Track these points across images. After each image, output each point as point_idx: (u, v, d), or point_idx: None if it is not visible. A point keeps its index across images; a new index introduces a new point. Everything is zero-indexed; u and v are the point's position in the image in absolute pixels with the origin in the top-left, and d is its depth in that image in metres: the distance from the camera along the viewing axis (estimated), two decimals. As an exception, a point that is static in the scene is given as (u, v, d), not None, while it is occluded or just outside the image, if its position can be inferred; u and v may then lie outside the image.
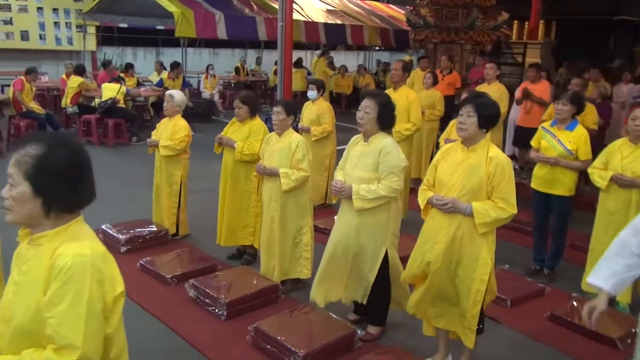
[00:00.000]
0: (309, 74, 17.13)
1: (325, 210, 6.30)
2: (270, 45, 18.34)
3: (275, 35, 13.09)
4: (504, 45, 21.40)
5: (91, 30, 14.62)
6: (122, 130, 9.06)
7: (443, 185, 3.03)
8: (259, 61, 17.53)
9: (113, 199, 6.07)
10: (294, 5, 14.55)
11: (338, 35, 14.84)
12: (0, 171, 1.83)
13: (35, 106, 8.75)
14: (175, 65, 10.69)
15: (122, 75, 11.06)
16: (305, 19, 13.90)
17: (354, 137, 3.57)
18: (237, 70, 15.06)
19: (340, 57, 22.82)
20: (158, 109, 10.41)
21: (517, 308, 4.15)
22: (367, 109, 3.38)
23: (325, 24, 14.36)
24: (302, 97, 15.31)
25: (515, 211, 2.90)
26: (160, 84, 10.51)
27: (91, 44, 14.73)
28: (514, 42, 19.35)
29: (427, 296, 3.13)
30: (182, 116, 5.21)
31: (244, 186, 4.56)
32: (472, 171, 2.93)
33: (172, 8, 11.40)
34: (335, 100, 13.81)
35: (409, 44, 16.47)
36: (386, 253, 3.44)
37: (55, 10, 14.08)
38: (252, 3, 13.51)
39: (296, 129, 4.71)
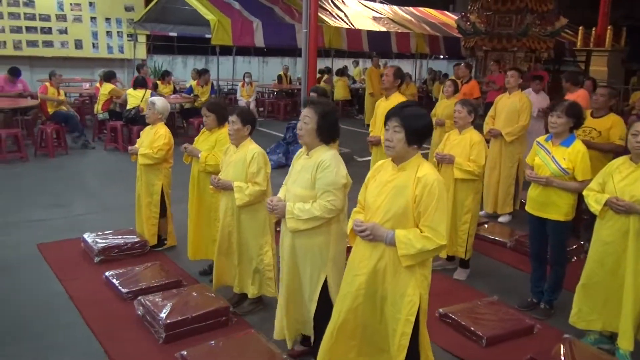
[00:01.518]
0: (354, 82, 16.84)
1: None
2: (321, 53, 18.29)
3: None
4: (567, 53, 20.27)
5: (142, 39, 15.04)
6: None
7: (369, 208, 2.65)
8: (327, 71, 17.36)
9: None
10: (338, 12, 14.46)
11: (382, 43, 14.43)
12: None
13: (63, 107, 9.01)
14: (203, 72, 10.69)
15: (158, 82, 11.27)
16: (348, 27, 13.63)
17: (300, 150, 3.25)
18: (279, 78, 15.00)
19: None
20: (187, 117, 10.45)
21: (494, 348, 3.65)
22: (305, 119, 3.05)
23: (369, 32, 14.01)
24: (344, 106, 15.09)
25: (444, 242, 2.48)
26: (190, 91, 10.54)
27: (141, 52, 15.14)
28: (577, 49, 18.23)
29: (342, 336, 2.73)
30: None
31: (210, 198, 4.33)
32: (398, 193, 2.54)
33: (209, 16, 11.46)
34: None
35: (460, 52, 15.81)
36: (326, 281, 3.08)
37: (107, 19, 14.61)
38: (294, 11, 13.38)
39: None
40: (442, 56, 20.46)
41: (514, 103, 6.16)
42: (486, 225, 6.00)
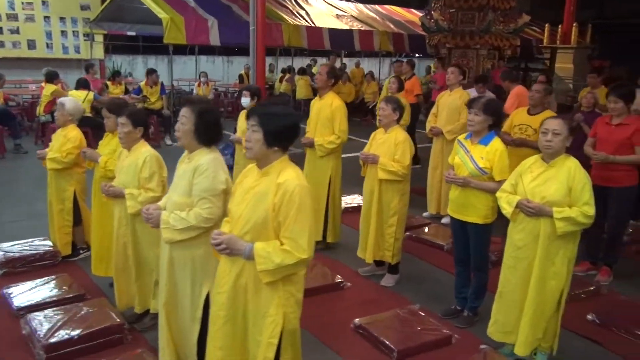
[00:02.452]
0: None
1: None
2: (288, 52, 18.00)
3: (270, 41, 12.76)
4: (535, 50, 20.25)
5: (99, 38, 14.61)
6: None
7: (231, 217, 2.39)
8: (271, 68, 17.10)
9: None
10: (299, 11, 14.18)
11: (345, 41, 14.20)
12: None
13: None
14: (150, 72, 10.34)
15: (108, 82, 10.89)
16: (308, 25, 13.37)
17: (183, 154, 2.97)
18: (240, 78, 14.67)
19: (365, 64, 22.19)
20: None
21: (405, 362, 3.41)
22: (182, 119, 2.78)
23: (330, 30, 13.77)
24: (306, 106, 14.81)
25: (306, 255, 2.22)
26: (138, 91, 10.19)
27: (99, 52, 14.70)
28: (544, 46, 18.22)
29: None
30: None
31: (112, 207, 4.02)
32: (258, 201, 2.28)
33: (162, 14, 11.12)
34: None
35: (425, 50, 15.66)
36: (208, 296, 2.81)
37: (62, 19, 14.14)
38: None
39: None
40: (418, 54, 20.34)
41: (455, 101, 5.95)
42: (426, 228, 5.78)
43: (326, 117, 4.91)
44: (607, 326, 3.88)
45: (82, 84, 8.94)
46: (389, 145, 4.32)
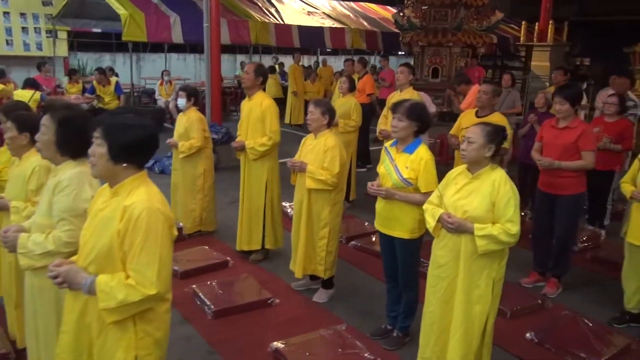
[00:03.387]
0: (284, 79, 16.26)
1: (199, 239, 5.39)
2: (265, 50, 17.64)
3: (238, 38, 12.41)
4: (513, 48, 20.07)
5: (62, 35, 14.16)
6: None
7: (82, 248, 2.06)
8: (243, 66, 16.72)
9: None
10: (269, 8, 13.83)
11: (315, 39, 13.87)
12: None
13: None
14: (101, 71, 9.95)
15: (64, 81, 10.48)
16: (277, 22, 13.03)
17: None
18: (208, 76, 14.27)
19: (340, 62, 21.89)
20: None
21: (319, 391, 3.11)
22: (42, 128, 2.46)
23: (300, 27, 13.43)
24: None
25: (154, 291, 1.89)
26: (92, 90, 9.79)
27: (62, 49, 14.25)
28: (520, 44, 18.07)
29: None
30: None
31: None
32: (104, 226, 1.96)
33: (121, 10, 10.72)
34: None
35: (400, 47, 15.39)
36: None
37: (23, 15, 13.67)
38: (220, 5, 12.70)
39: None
40: (400, 52, 20.07)
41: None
42: (374, 237, 5.49)
43: (257, 118, 4.60)
44: (543, 345, 3.61)
45: (29, 83, 8.53)
46: (317, 152, 4.01)
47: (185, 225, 5.43)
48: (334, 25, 14.38)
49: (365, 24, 15.67)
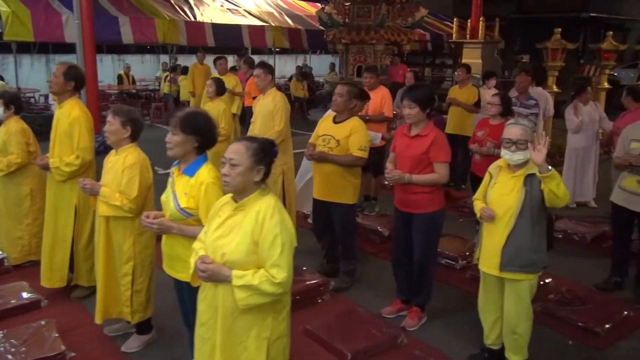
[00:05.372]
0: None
1: (26, 270, 4.60)
2: (192, 50, 16.71)
3: (143, 37, 11.57)
4: (446, 46, 19.89)
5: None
6: None
7: None
8: (164, 67, 15.83)
9: None
10: (182, 4, 13.00)
11: (232, 38, 13.12)
12: None
13: None
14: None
15: None
16: (188, 19, 12.21)
17: None
18: (119, 78, 13.33)
19: (281, 61, 21.29)
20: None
21: None
22: None
23: (214, 25, 12.66)
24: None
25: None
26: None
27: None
28: (453, 41, 17.87)
29: None
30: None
31: None
32: None
33: (2, 7, 9.74)
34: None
35: (327, 46, 14.84)
36: None
37: None
38: (124, 2, 11.83)
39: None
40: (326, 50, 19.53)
41: (268, 105, 4.99)
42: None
43: (64, 131, 3.85)
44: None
45: None
46: (116, 171, 3.29)
47: (10, 256, 4.64)
48: (252, 23, 13.66)
49: (290, 21, 15.02)
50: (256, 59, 20.29)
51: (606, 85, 9.98)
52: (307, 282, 4.26)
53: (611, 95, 10.39)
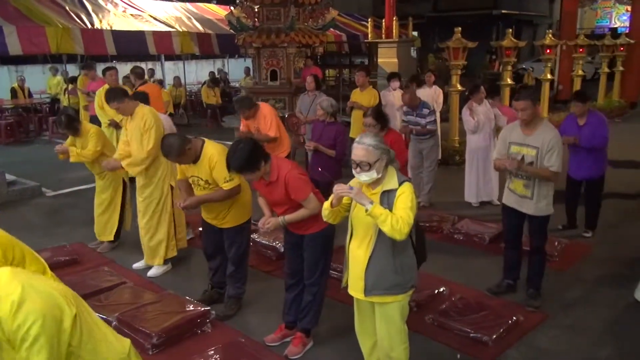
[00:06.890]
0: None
1: None
2: (104, 58, 15.81)
3: (34, 47, 10.78)
4: (364, 46, 19.94)
5: None
6: None
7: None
8: (72, 80, 14.81)
9: None
10: (78, 11, 12.23)
11: (135, 45, 12.50)
12: None
13: None
14: None
15: None
16: (82, 26, 11.48)
17: None
18: (13, 92, 12.36)
19: (192, 67, 20.68)
20: None
21: None
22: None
23: (115, 32, 11.99)
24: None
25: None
26: None
27: None
28: (369, 41, 17.94)
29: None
30: None
31: None
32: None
33: None
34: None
35: (239, 50, 14.44)
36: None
37: None
38: (10, 7, 10.96)
39: None
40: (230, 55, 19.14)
41: (136, 121, 4.60)
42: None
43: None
44: None
45: None
46: None
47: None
48: (158, 29, 13.08)
49: (199, 26, 14.53)
50: (169, 65, 19.66)
51: (509, 81, 10.16)
52: (187, 314, 3.92)
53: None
